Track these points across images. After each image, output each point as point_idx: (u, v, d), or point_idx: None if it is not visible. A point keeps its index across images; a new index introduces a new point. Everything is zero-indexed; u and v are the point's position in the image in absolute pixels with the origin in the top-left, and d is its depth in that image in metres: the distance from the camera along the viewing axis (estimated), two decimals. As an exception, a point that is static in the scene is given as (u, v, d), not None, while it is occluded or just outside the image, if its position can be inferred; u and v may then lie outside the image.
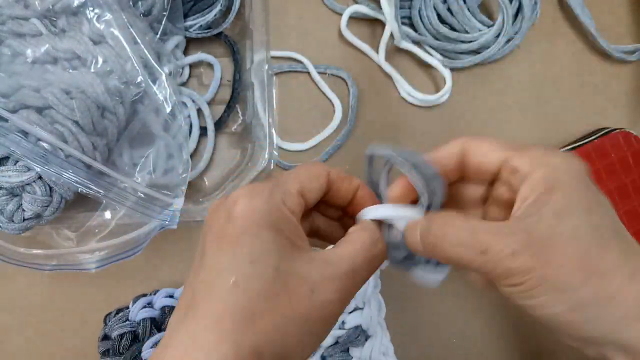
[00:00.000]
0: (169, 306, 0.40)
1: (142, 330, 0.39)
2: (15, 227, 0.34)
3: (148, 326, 0.39)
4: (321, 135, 0.47)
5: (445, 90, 0.47)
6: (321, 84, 0.47)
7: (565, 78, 0.49)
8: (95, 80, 0.36)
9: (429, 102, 0.48)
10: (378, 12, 0.47)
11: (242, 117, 0.45)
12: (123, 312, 0.40)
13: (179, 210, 0.38)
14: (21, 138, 0.33)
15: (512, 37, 0.47)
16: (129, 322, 0.39)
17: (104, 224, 0.37)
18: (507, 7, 0.45)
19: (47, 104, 0.34)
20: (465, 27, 0.47)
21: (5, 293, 0.44)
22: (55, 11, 0.37)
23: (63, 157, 0.34)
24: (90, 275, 0.38)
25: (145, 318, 0.39)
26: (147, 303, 0.40)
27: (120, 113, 0.38)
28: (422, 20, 0.47)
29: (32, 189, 0.34)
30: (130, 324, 0.39)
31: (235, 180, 0.40)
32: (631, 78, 0.49)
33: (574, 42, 0.49)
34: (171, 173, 0.40)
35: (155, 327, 0.39)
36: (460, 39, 0.47)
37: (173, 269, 0.45)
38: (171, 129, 0.40)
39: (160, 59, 0.41)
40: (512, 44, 0.47)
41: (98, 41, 0.38)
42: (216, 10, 0.43)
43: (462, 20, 0.47)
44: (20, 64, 0.37)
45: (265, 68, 0.42)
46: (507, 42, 0.47)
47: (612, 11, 0.49)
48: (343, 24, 0.47)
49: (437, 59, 0.48)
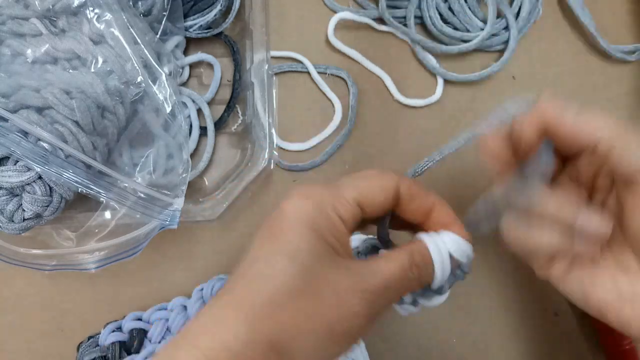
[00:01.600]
0: (136, 329, 0.40)
1: (112, 355, 0.39)
2: (15, 227, 0.34)
3: (117, 350, 0.39)
4: (321, 135, 0.47)
5: (438, 91, 0.47)
6: (321, 84, 0.47)
7: (565, 78, 0.49)
8: (95, 80, 0.36)
9: (423, 104, 0.48)
10: (365, 16, 0.47)
11: (242, 117, 0.45)
12: (94, 338, 0.41)
13: (179, 210, 0.38)
14: (21, 138, 0.33)
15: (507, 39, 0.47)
16: (98, 347, 0.40)
17: (103, 224, 0.37)
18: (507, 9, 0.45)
19: (47, 104, 0.34)
20: (467, 25, 0.47)
21: (5, 293, 0.44)
22: (55, 11, 0.37)
23: (63, 157, 0.34)
24: (90, 275, 0.39)
25: (114, 342, 0.40)
26: (116, 327, 0.41)
27: (120, 113, 0.38)
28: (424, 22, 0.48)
29: (32, 189, 0.34)
30: (100, 349, 0.40)
31: (235, 180, 0.40)
32: (631, 78, 0.49)
33: (574, 42, 0.49)
34: (171, 173, 0.40)
35: (125, 350, 0.40)
36: (464, 38, 0.47)
37: (173, 268, 0.45)
38: (171, 129, 0.40)
39: (160, 59, 0.41)
40: (511, 44, 0.47)
41: (98, 41, 0.38)
42: (216, 10, 0.44)
43: (463, 19, 0.47)
44: (20, 64, 0.37)
45: (265, 68, 0.42)
46: (505, 42, 0.47)
47: (612, 11, 0.49)
48: (330, 31, 0.47)
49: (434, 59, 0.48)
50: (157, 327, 0.40)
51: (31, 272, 0.41)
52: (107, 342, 0.39)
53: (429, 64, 0.48)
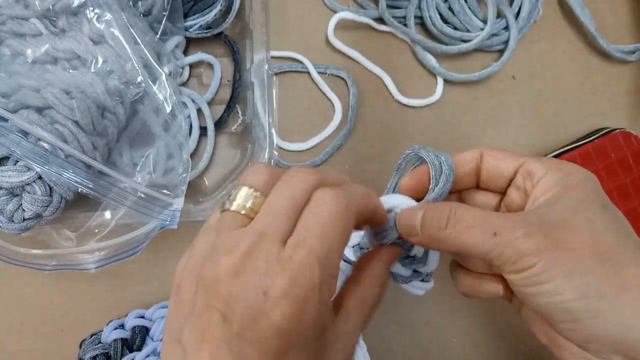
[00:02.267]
0: (139, 326, 0.41)
1: (114, 352, 0.39)
2: (15, 227, 0.34)
3: (119, 347, 0.39)
4: (321, 135, 0.47)
5: (438, 91, 0.47)
6: (321, 84, 0.47)
7: (565, 78, 0.49)
8: (95, 80, 0.36)
9: (423, 104, 0.48)
10: (366, 16, 0.47)
11: (242, 117, 0.45)
12: (96, 335, 0.41)
13: (179, 210, 0.38)
14: (21, 138, 0.33)
15: (508, 39, 0.47)
16: (101, 344, 0.40)
17: (103, 224, 0.37)
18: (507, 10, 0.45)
19: (47, 104, 0.34)
20: (467, 25, 0.47)
21: (5, 293, 0.44)
22: (55, 11, 0.37)
23: (63, 157, 0.34)
24: (90, 275, 0.38)
25: (117, 339, 0.40)
26: (118, 325, 0.41)
27: (120, 113, 0.38)
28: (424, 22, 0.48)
29: (32, 189, 0.34)
30: (103, 346, 0.40)
31: (236, 180, 0.40)
32: (631, 78, 0.49)
33: (574, 42, 0.49)
34: (171, 173, 0.40)
35: (127, 347, 0.40)
36: (464, 38, 0.47)
37: (173, 268, 0.45)
38: (171, 129, 0.40)
39: (160, 59, 0.41)
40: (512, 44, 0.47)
41: (98, 41, 0.38)
42: (216, 10, 0.43)
43: (463, 19, 0.47)
44: (20, 64, 0.37)
45: (265, 68, 0.42)
46: (505, 42, 0.47)
47: (612, 11, 0.49)
48: (330, 31, 0.47)
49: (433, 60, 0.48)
50: (159, 325, 0.40)
51: (31, 272, 0.41)
52: (110, 339, 0.40)
53: (429, 64, 0.48)
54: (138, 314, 0.41)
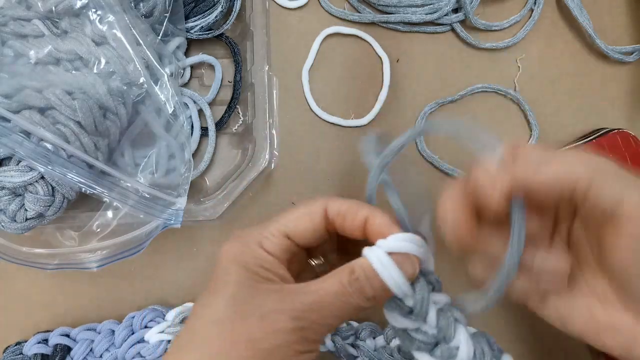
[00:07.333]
0: (61, 345, 0.41)
1: None
2: (18, 227, 0.35)
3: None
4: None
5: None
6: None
7: (563, 79, 0.49)
8: (97, 81, 0.36)
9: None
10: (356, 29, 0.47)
11: (243, 118, 0.46)
12: (20, 345, 0.41)
13: (182, 209, 0.38)
14: (24, 138, 0.33)
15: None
16: (21, 355, 0.40)
17: (105, 223, 0.38)
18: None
19: (49, 105, 0.34)
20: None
21: (7, 292, 0.44)
22: (58, 12, 0.37)
23: (65, 157, 0.34)
24: (92, 274, 0.39)
25: (37, 354, 0.40)
26: (42, 339, 0.41)
27: (122, 114, 0.38)
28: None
29: (34, 189, 0.34)
30: (22, 358, 0.40)
31: (236, 180, 0.41)
32: (629, 79, 0.49)
33: (572, 43, 0.49)
34: (173, 173, 0.40)
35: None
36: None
37: (174, 268, 0.45)
38: (173, 130, 0.41)
39: (162, 60, 0.42)
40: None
41: (100, 42, 0.38)
42: (217, 12, 0.44)
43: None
44: (22, 65, 0.37)
45: (266, 69, 0.42)
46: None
47: (610, 12, 0.50)
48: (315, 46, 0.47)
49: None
50: (81, 347, 0.40)
51: (33, 271, 0.41)
52: (30, 353, 0.40)
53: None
54: (63, 332, 0.41)
